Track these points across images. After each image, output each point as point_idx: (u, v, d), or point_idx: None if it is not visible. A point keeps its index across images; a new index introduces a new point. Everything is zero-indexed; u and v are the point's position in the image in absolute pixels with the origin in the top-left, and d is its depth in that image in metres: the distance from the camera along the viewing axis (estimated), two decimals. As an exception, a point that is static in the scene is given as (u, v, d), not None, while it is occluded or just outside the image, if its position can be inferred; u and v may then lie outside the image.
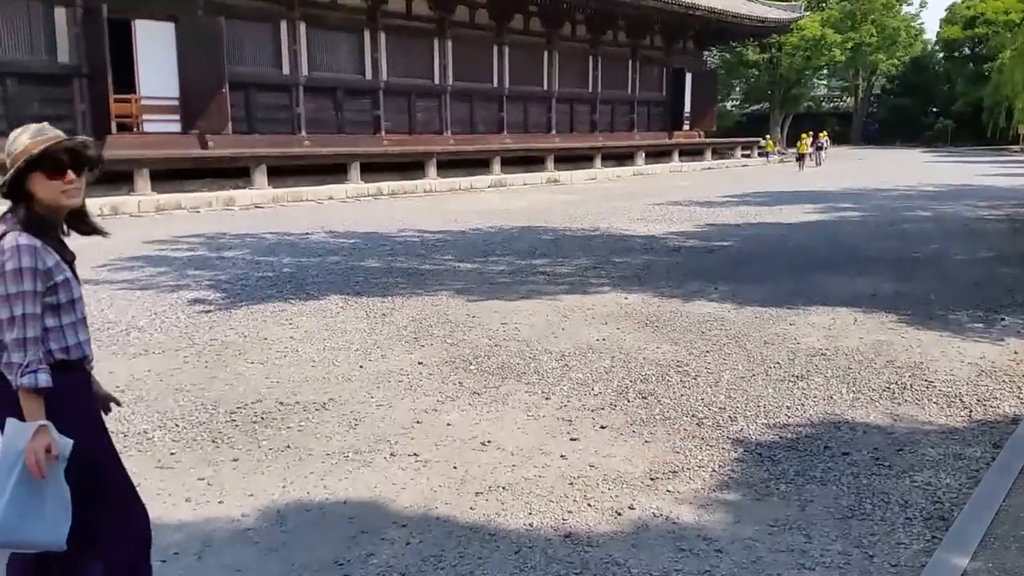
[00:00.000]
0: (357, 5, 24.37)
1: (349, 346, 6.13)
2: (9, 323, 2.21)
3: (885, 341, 6.21)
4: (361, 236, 12.95)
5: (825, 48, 44.48)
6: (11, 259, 2.20)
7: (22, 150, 2.29)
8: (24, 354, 2.20)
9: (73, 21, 18.28)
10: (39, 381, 2.20)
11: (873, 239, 12.27)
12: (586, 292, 8.36)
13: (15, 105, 17.58)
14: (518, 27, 29.68)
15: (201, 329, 6.69)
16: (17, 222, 2.27)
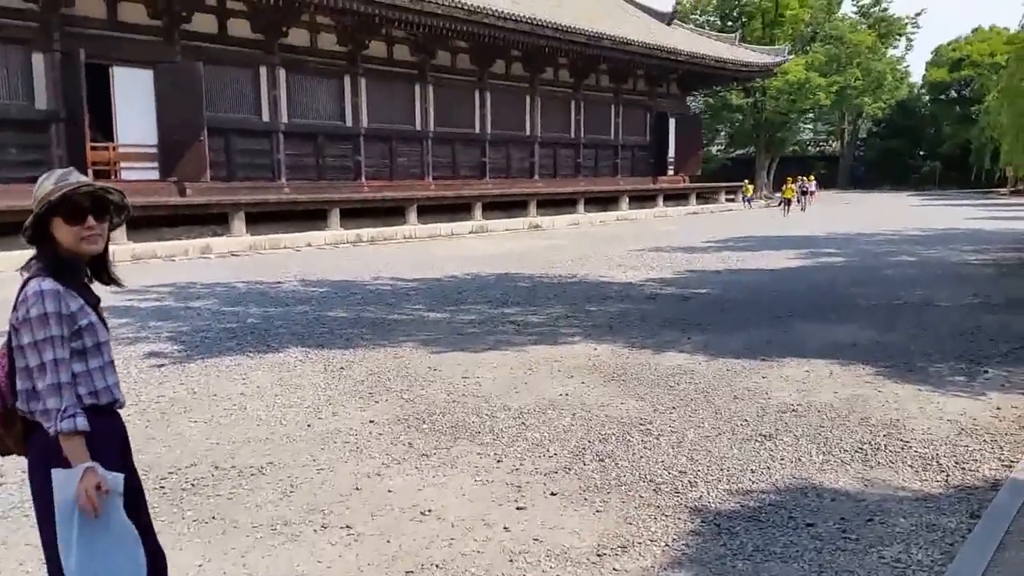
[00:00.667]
0: (337, 50, 24.40)
1: (300, 403, 5.84)
2: (40, 369, 2.20)
3: (861, 396, 5.95)
4: (333, 285, 12.69)
5: (810, 92, 44.83)
6: (35, 305, 2.20)
7: (44, 195, 2.28)
8: (60, 399, 2.19)
9: (51, 66, 18.14)
10: (78, 425, 2.19)
11: (855, 285, 12.08)
12: (556, 343, 8.10)
13: (-7, 150, 17.42)
14: (500, 72, 29.81)
15: (151, 385, 6.39)
16: (41, 267, 2.28)
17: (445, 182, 27.81)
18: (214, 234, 20.05)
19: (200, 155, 20.32)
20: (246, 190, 21.70)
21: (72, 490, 2.17)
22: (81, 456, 2.20)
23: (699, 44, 35.59)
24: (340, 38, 24.37)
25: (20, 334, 2.23)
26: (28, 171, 17.97)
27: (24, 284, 2.26)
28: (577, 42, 28.16)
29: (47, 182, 2.32)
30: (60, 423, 2.17)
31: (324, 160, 24.50)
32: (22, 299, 2.24)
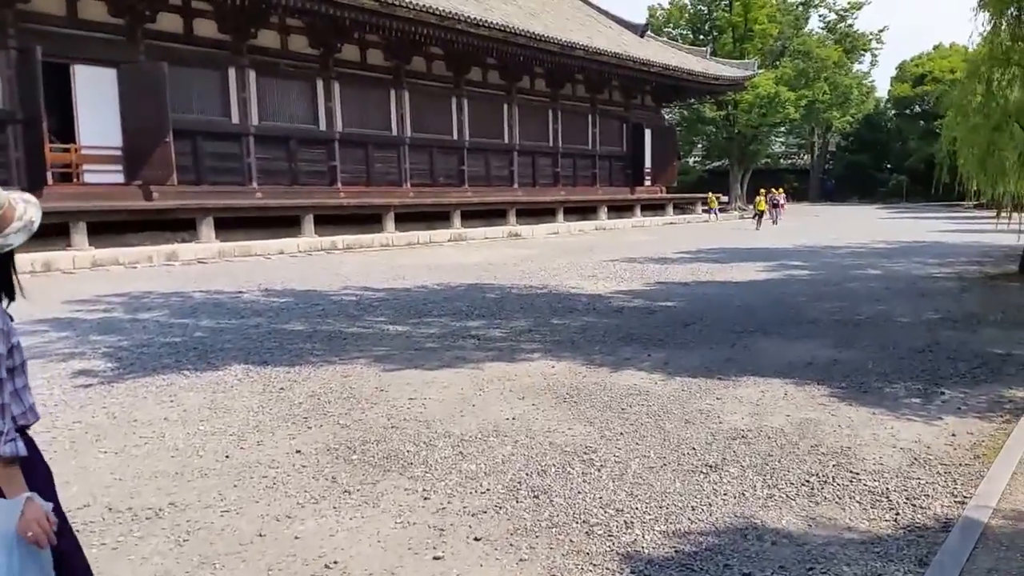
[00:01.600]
0: (309, 53, 24.14)
1: (225, 430, 5.54)
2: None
3: (813, 420, 5.73)
4: (296, 295, 12.39)
5: (779, 105, 45.08)
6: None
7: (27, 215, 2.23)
8: (3, 421, 2.09)
9: (6, 64, 17.73)
10: (19, 449, 2.11)
11: (818, 299, 11.90)
12: (513, 360, 7.84)
13: (-57, 153, 16.97)
14: (477, 79, 29.65)
15: (70, 408, 6.06)
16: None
17: (424, 189, 27.59)
18: (182, 240, 19.70)
19: (166, 158, 19.96)
20: (216, 194, 21.36)
21: (14, 521, 2.08)
22: (19, 485, 2.12)
23: (671, 56, 35.63)
24: (311, 41, 24.11)
25: None
26: (-17, 174, 17.59)
27: None
28: (550, 51, 28.08)
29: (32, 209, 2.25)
30: (3, 447, 2.07)
31: (298, 165, 24.21)
32: None
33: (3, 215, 2.19)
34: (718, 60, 40.64)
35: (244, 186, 22.53)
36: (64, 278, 14.88)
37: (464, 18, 24.42)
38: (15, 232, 2.21)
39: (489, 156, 30.47)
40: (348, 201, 24.13)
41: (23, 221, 2.23)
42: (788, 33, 52.31)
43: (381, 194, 25.63)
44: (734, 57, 44.98)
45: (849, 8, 61.20)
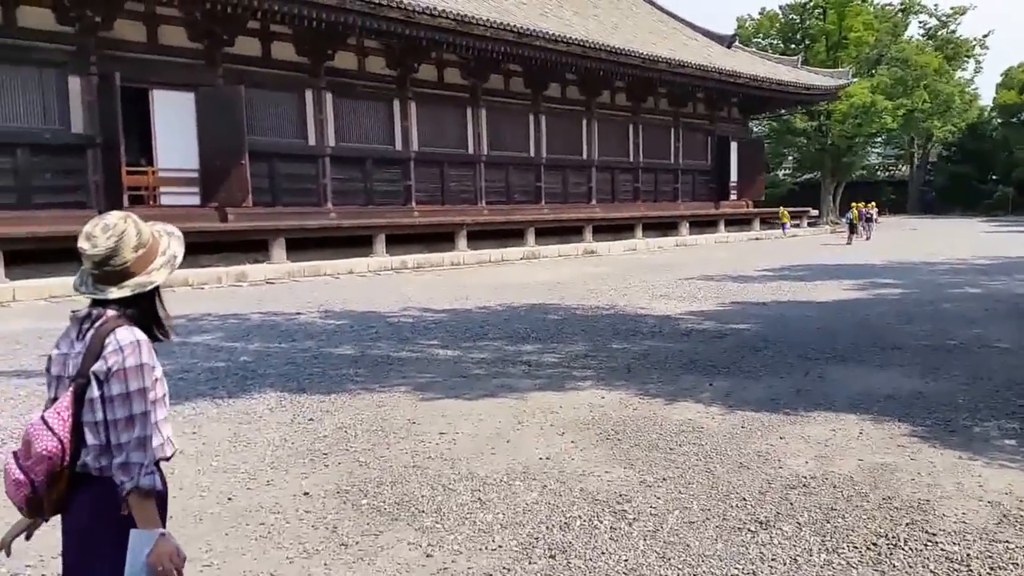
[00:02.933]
0: (386, 73, 24.15)
1: (239, 466, 5.19)
2: (128, 422, 2.09)
3: (889, 465, 5.02)
4: (353, 317, 12.15)
5: (876, 115, 43.04)
6: (132, 355, 2.10)
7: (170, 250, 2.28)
8: (144, 454, 2.11)
9: (87, 90, 18.14)
10: (156, 483, 2.13)
11: (907, 321, 10.97)
12: (562, 389, 7.32)
13: (26, 176, 17.42)
14: (555, 95, 29.24)
15: (92, 437, 5.84)
16: (125, 317, 2.17)
17: (499, 207, 27.27)
18: (255, 261, 19.85)
19: (242, 180, 20.13)
20: (291, 215, 21.50)
21: (145, 553, 2.08)
22: (154, 519, 2.13)
23: (759, 67, 34.49)
24: (388, 61, 24.13)
25: (109, 384, 2.09)
26: (63, 196, 18.01)
27: (108, 333, 2.12)
28: (632, 64, 27.44)
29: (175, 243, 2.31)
30: (142, 479, 2.08)
31: (373, 185, 24.20)
32: (114, 348, 2.09)
33: (149, 249, 2.21)
34: (809, 69, 39.22)
35: (319, 207, 22.62)
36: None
37: (542, 34, 24.08)
38: (158, 269, 2.23)
39: (567, 172, 29.98)
40: (419, 220, 23.99)
41: (166, 256, 2.26)
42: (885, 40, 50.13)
43: (455, 212, 25.40)
44: (827, 66, 43.36)
45: (952, 14, 58.57)
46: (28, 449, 2.12)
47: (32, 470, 2.11)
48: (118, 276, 2.18)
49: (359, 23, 20.50)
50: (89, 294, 2.20)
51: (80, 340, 2.17)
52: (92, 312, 2.19)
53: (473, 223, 24.61)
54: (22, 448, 2.15)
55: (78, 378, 2.12)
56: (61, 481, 2.13)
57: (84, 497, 2.15)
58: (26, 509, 2.17)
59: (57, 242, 16.54)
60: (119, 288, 2.18)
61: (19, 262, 16.07)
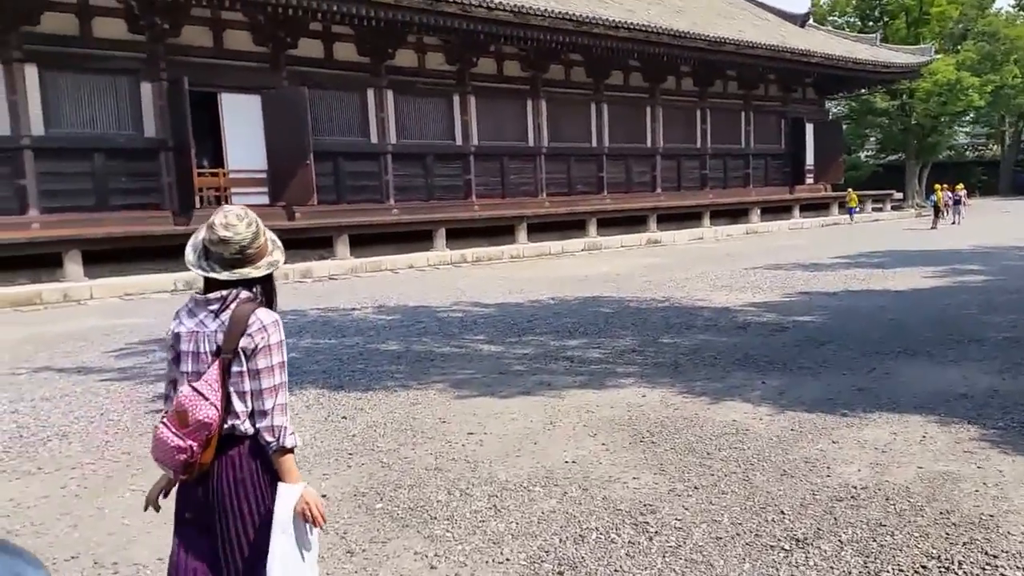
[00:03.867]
0: (445, 69, 24.03)
1: (256, 469, 5.04)
2: (273, 390, 2.39)
3: (952, 474, 4.56)
4: (405, 312, 12.01)
5: (961, 92, 40.86)
6: (275, 332, 2.41)
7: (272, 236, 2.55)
8: (285, 417, 2.41)
9: (158, 95, 18.53)
10: (297, 441, 2.47)
11: (989, 311, 10.24)
12: (602, 386, 6.99)
13: (103, 179, 17.91)
14: (617, 83, 28.67)
15: (130, 437, 5.79)
16: (255, 299, 2.45)
17: (560, 198, 26.92)
18: (320, 257, 19.98)
19: (307, 179, 20.30)
20: (354, 212, 21.59)
21: (293, 503, 2.39)
22: (297, 473, 2.44)
23: (834, 46, 33.16)
24: (448, 57, 24.00)
25: (255, 358, 2.36)
26: (138, 198, 18.46)
27: (250, 313, 2.39)
28: (697, 48, 26.69)
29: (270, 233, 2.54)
30: (285, 439, 2.40)
31: (434, 180, 24.14)
32: (259, 327, 2.37)
33: (259, 250, 2.45)
34: (889, 47, 37.56)
35: (382, 203, 22.67)
36: (198, 297, 15.21)
37: (602, 21, 23.59)
38: (277, 250, 2.53)
39: (630, 161, 29.37)
40: (479, 214, 23.80)
41: (276, 241, 2.56)
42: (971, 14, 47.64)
43: (516, 205, 25.15)
44: (908, 43, 41.43)
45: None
46: (184, 418, 2.33)
47: (192, 436, 2.32)
48: (257, 257, 2.44)
49: (417, 20, 20.43)
50: (224, 276, 2.42)
51: (215, 319, 2.40)
52: (224, 294, 2.42)
53: (533, 215, 24.29)
54: (173, 417, 2.36)
55: (224, 353, 2.36)
56: (212, 444, 2.38)
57: (237, 453, 2.41)
58: (181, 471, 2.39)
59: (132, 242, 17.04)
60: (255, 268, 2.44)
61: (96, 262, 16.51)
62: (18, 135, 16.66)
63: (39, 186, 17.03)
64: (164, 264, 16.41)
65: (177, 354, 2.46)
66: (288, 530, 2.38)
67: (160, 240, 16.92)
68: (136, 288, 15.30)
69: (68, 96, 17.49)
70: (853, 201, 33.70)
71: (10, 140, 16.62)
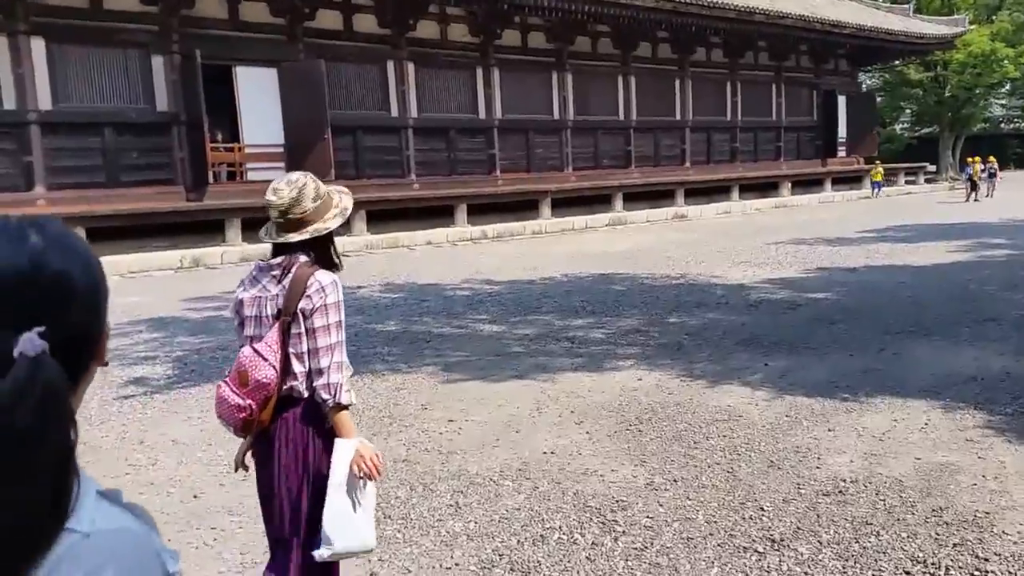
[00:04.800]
0: (468, 41, 23.64)
1: (225, 458, 4.84)
2: (327, 349, 2.43)
3: (950, 466, 4.25)
4: (412, 290, 11.81)
5: (996, 64, 39.51)
6: (332, 292, 2.45)
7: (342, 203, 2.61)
8: (340, 375, 2.44)
9: (171, 69, 18.35)
10: (353, 398, 2.49)
11: (1011, 288, 9.79)
12: (599, 369, 6.73)
13: (114, 154, 17.76)
14: (645, 55, 28.07)
15: (91, 426, 5.64)
16: (314, 261, 2.49)
17: (586, 172, 26.49)
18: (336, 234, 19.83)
19: (325, 154, 20.08)
20: (374, 188, 21.36)
21: (349, 459, 2.42)
22: (353, 428, 2.48)
23: (867, 16, 32.12)
24: (471, 28, 23.59)
25: (313, 318, 2.41)
26: (150, 174, 18.34)
27: (308, 275, 2.43)
28: (727, 18, 25.97)
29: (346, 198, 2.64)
30: (341, 396, 2.43)
31: (456, 154, 23.82)
32: (317, 288, 2.41)
33: (324, 202, 2.51)
34: (922, 17, 36.44)
35: (402, 178, 22.44)
36: (206, 274, 15.12)
37: (628, -10, 23.03)
38: (332, 218, 2.54)
39: (658, 134, 28.80)
40: (502, 188, 23.47)
41: (339, 208, 2.57)
42: (1006, -17, 46.06)
43: (541, 180, 24.76)
44: (942, 14, 40.18)
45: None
46: (244, 378, 2.41)
47: (251, 395, 2.40)
48: (298, 223, 2.46)
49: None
50: (273, 240, 2.50)
51: (277, 284, 2.46)
52: (284, 260, 2.48)
53: (557, 190, 23.91)
54: (234, 376, 2.44)
55: (283, 315, 2.42)
56: (271, 404, 2.45)
57: (292, 415, 2.46)
58: (241, 429, 2.48)
59: (138, 219, 16.93)
60: (299, 233, 2.46)
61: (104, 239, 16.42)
62: (24, 110, 16.41)
63: (46, 162, 16.79)
64: (174, 241, 16.36)
65: (241, 320, 2.54)
66: (342, 486, 2.41)
67: (169, 217, 16.83)
68: (139, 266, 15.19)
69: (77, 70, 17.26)
70: (878, 175, 32.63)
71: (16, 115, 16.35)
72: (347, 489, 2.42)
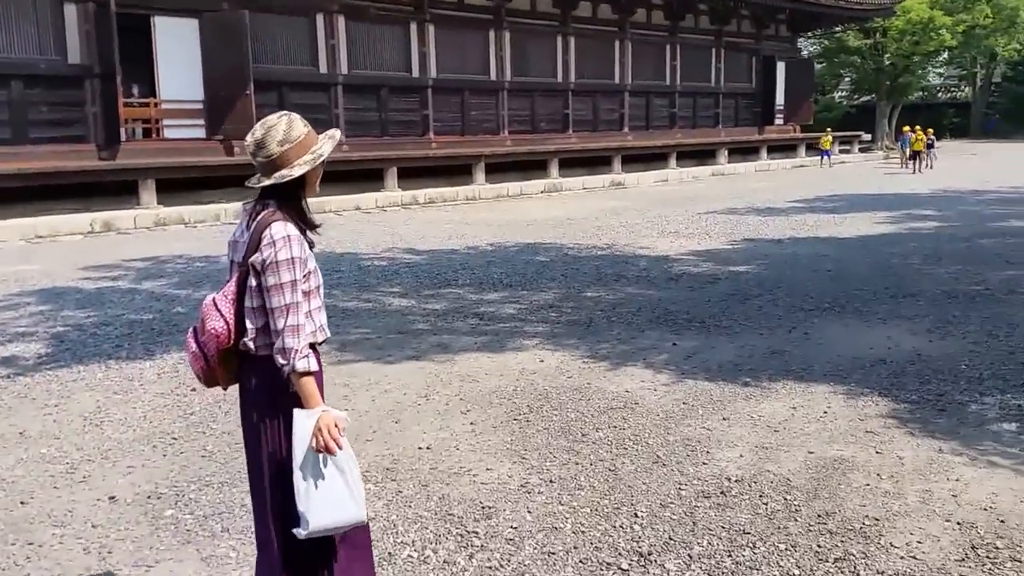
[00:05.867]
0: (402, -6, 22.82)
1: (69, 455, 4.40)
2: (283, 310, 2.24)
3: (844, 462, 4.01)
4: (328, 259, 11.27)
5: (934, 31, 39.85)
6: (284, 248, 2.24)
7: (304, 142, 2.35)
8: (297, 339, 2.24)
9: (84, 18, 17.28)
10: (311, 365, 2.26)
11: (934, 262, 9.72)
12: (501, 349, 6.40)
13: (21, 109, 16.68)
14: (585, 15, 27.50)
15: (-67, 412, 5.13)
16: (282, 213, 2.31)
17: (523, 136, 25.95)
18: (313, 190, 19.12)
19: (247, 111, 19.20)
20: (300, 149, 20.61)
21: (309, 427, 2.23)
22: (315, 397, 2.26)
23: (809, -21, 32.03)
24: (404, -19, 22.78)
25: (266, 275, 2.24)
26: (60, 130, 17.34)
27: (265, 226, 2.27)
28: (666, -22, 25.57)
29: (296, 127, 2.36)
30: (297, 362, 2.23)
31: (388, 115, 23.08)
32: (268, 242, 2.25)
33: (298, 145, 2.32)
34: (864, -17, 36.55)
35: (331, 138, 21.70)
36: (116, 239, 14.34)
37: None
38: (300, 164, 2.33)
39: (597, 98, 28.37)
40: (436, 152, 22.89)
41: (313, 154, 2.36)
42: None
43: (476, 144, 24.20)
44: (884, -20, 40.38)
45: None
46: (203, 326, 2.33)
47: (205, 345, 2.32)
48: (268, 167, 2.31)
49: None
50: (249, 184, 2.38)
51: (248, 230, 2.33)
52: (257, 205, 2.35)
53: (492, 154, 23.39)
54: (200, 324, 2.35)
55: (242, 265, 2.29)
56: (231, 358, 2.34)
57: (250, 372, 2.33)
58: (203, 381, 2.42)
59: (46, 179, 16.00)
60: (268, 178, 2.31)
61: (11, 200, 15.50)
62: (-82, 61, 15.38)
63: (-54, 118, 15.82)
64: (86, 203, 15.54)
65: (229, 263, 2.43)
66: (302, 463, 2.24)
67: (78, 176, 15.97)
68: (47, 229, 14.36)
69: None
70: (827, 143, 32.53)
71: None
72: (310, 464, 2.24)
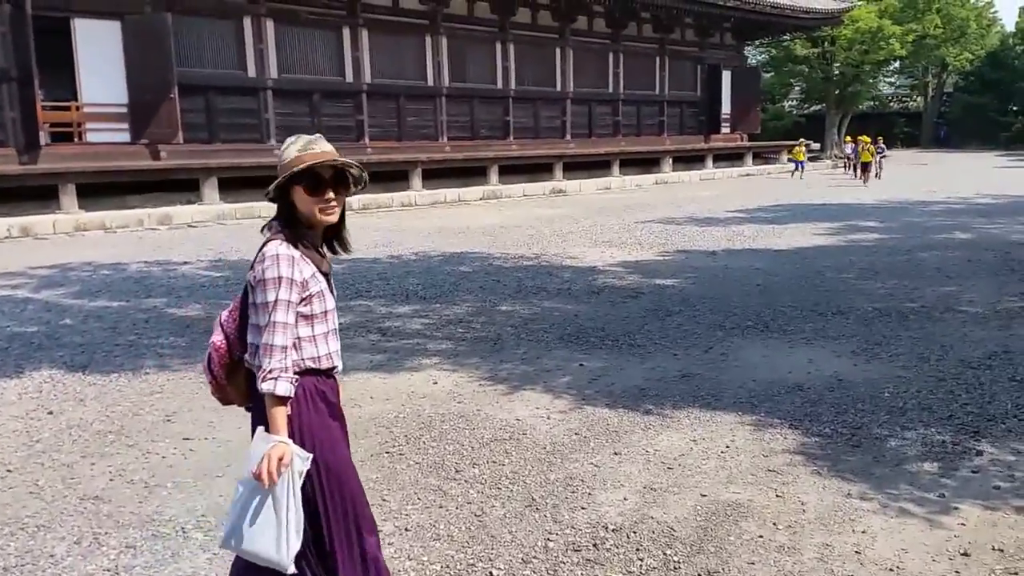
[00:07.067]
0: (333, -1, 22.23)
1: None
2: (264, 329, 2.20)
3: (739, 507, 3.59)
4: (239, 268, 10.69)
5: (883, 41, 40.26)
6: (271, 267, 2.22)
7: (288, 163, 2.29)
8: (269, 360, 2.18)
9: None
10: (277, 388, 2.17)
11: (869, 276, 9.43)
12: (397, 369, 5.90)
13: (-64, 113, 15.89)
14: (525, 21, 27.12)
15: None
16: (279, 231, 2.29)
17: (462, 143, 25.46)
18: (188, 202, 18.36)
19: (171, 115, 18.53)
20: (228, 152, 19.89)
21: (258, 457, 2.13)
22: (278, 424, 2.18)
23: (752, -13, 32.10)
24: (335, -16, 22.19)
25: (254, 292, 2.25)
26: (-26, 137, 16.53)
27: (264, 244, 2.27)
28: (607, -15, 25.34)
29: (291, 148, 2.32)
30: (262, 383, 2.17)
31: (321, 120, 22.41)
32: (259, 259, 2.26)
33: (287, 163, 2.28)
34: (810, -9, 36.78)
35: (261, 143, 20.94)
36: (32, 244, 13.60)
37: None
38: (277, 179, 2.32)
39: (538, 106, 28.01)
40: (371, 158, 22.25)
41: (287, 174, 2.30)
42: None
43: (413, 149, 23.65)
44: (830, -12, 40.71)
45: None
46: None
47: (211, 360, 2.37)
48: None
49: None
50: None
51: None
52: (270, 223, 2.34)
53: (429, 160, 22.88)
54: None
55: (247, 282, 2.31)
56: (238, 373, 2.35)
57: (255, 390, 2.23)
58: (216, 397, 2.46)
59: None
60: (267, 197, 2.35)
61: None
62: None
63: None
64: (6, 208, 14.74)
65: None
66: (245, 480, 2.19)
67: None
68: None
69: None
70: (800, 155, 31.43)
71: None
72: (251, 487, 2.17)
